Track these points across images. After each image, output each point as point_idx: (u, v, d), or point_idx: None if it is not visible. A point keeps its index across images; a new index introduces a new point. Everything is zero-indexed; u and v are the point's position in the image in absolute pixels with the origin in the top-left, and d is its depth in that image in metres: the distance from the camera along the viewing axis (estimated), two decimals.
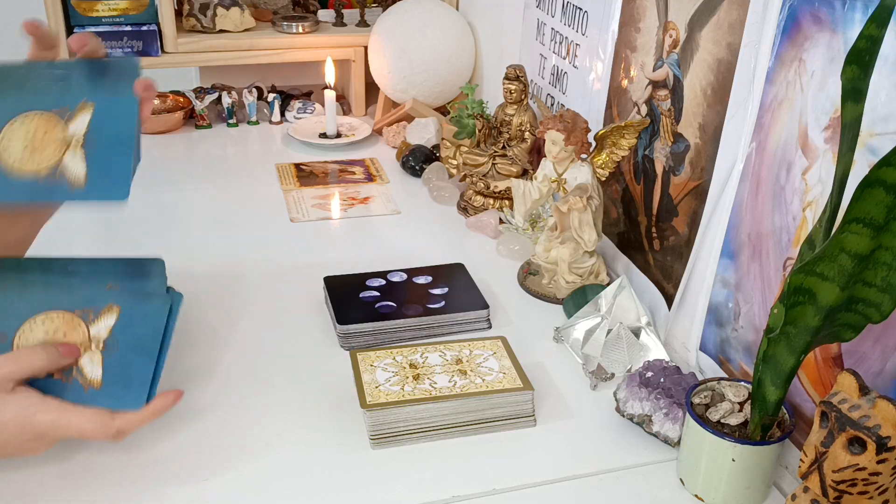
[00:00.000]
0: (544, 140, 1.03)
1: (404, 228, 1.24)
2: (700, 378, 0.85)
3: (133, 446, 0.78)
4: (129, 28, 1.49)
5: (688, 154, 0.92)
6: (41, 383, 0.71)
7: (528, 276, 1.09)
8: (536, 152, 1.26)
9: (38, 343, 0.73)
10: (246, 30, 1.59)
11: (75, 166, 0.73)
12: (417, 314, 0.95)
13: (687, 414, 0.73)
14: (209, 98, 1.59)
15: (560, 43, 1.22)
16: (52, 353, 0.71)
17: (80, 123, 0.74)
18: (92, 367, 0.73)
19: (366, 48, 1.60)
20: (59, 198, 0.74)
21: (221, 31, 1.57)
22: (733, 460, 0.70)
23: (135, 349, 0.74)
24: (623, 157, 1.02)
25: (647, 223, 1.02)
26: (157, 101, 1.63)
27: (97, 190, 0.73)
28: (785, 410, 0.73)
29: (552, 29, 1.24)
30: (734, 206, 0.83)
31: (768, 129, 0.78)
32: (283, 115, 1.64)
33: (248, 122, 1.63)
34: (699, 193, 0.90)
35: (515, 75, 1.19)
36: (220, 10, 1.55)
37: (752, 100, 0.79)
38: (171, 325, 0.77)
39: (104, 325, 0.75)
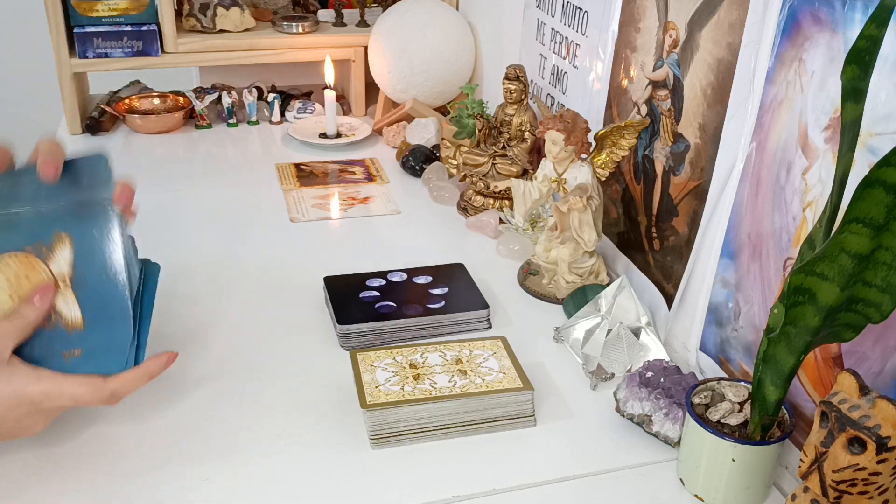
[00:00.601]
0: (544, 140, 1.03)
1: (404, 228, 1.24)
2: (700, 378, 0.85)
3: (131, 447, 0.78)
4: (129, 28, 1.49)
5: (688, 154, 0.92)
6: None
7: (528, 276, 1.09)
8: (536, 152, 1.26)
9: (4, 295, 0.71)
10: (246, 30, 1.59)
11: (69, 310, 0.72)
12: (417, 314, 0.95)
13: (687, 414, 0.73)
14: (209, 98, 1.59)
15: (560, 43, 1.22)
16: (26, 312, 0.70)
17: (63, 261, 0.72)
18: (67, 307, 0.71)
19: (366, 48, 1.60)
20: (61, 346, 0.72)
21: (221, 31, 1.56)
22: (733, 460, 0.71)
23: (103, 278, 0.72)
24: (623, 157, 1.02)
25: (647, 223, 1.02)
26: (157, 101, 1.63)
27: (97, 331, 0.72)
28: (785, 410, 0.73)
29: (552, 29, 1.24)
30: (734, 206, 0.83)
31: (768, 129, 0.78)
32: (283, 115, 1.64)
33: (248, 122, 1.63)
34: (699, 193, 0.90)
35: (515, 75, 1.19)
36: (220, 10, 1.55)
37: (752, 100, 0.79)
38: (151, 293, 0.76)
39: (63, 260, 0.72)
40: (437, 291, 1.00)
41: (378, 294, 0.99)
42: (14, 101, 2.59)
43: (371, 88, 1.64)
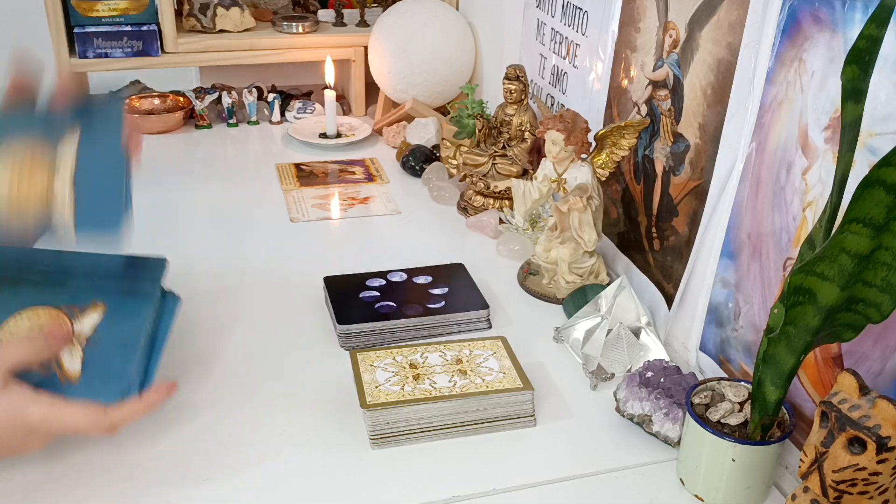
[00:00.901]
0: (544, 140, 1.03)
1: (404, 228, 1.24)
2: (700, 378, 0.85)
3: (131, 446, 0.78)
4: (129, 28, 1.49)
5: (688, 154, 0.92)
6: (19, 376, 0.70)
7: (528, 276, 1.09)
8: (536, 152, 1.26)
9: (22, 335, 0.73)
10: (246, 30, 1.59)
11: (70, 363, 0.73)
12: (417, 314, 0.95)
13: (687, 414, 0.73)
14: (209, 98, 1.59)
15: (560, 43, 1.22)
16: (37, 343, 0.71)
17: (88, 325, 0.75)
18: (71, 360, 0.72)
19: (366, 48, 1.60)
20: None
21: (221, 31, 1.56)
22: (733, 460, 0.71)
23: (117, 345, 0.74)
24: (623, 157, 1.02)
25: (647, 223, 1.02)
26: (157, 101, 1.63)
27: (85, 391, 0.72)
28: (785, 410, 0.73)
29: (552, 29, 1.24)
30: (734, 206, 0.83)
31: (768, 129, 0.78)
32: (283, 115, 1.64)
33: (248, 122, 1.63)
34: (699, 193, 0.90)
35: (515, 75, 1.19)
36: (220, 10, 1.55)
37: (752, 100, 0.79)
38: (166, 326, 0.77)
39: (88, 323, 0.74)
40: (437, 291, 1.00)
41: (378, 294, 0.99)
42: None
43: (371, 88, 1.64)
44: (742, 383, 0.75)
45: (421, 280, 1.02)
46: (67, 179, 0.73)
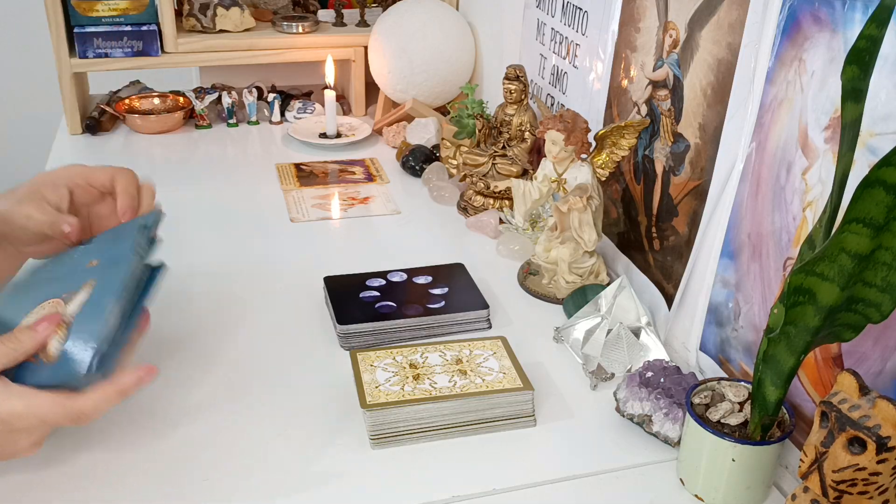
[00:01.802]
0: (544, 140, 1.03)
1: (404, 228, 1.24)
2: (700, 378, 0.85)
3: (129, 447, 0.78)
4: (129, 28, 1.49)
5: (688, 154, 0.92)
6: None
7: (528, 276, 1.09)
8: (536, 152, 1.26)
9: None
10: (246, 30, 1.59)
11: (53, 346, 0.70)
12: (417, 314, 0.95)
13: (687, 414, 0.73)
14: (209, 98, 1.59)
15: (560, 43, 1.22)
16: (27, 338, 0.68)
17: (75, 304, 0.72)
18: (54, 344, 0.70)
19: (366, 48, 1.60)
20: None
21: (221, 31, 1.56)
22: (733, 460, 0.71)
23: (86, 310, 0.71)
24: (623, 157, 1.02)
25: (647, 223, 1.02)
26: (157, 101, 1.63)
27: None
28: (785, 410, 0.73)
29: (552, 29, 1.24)
30: (734, 206, 0.83)
31: (768, 129, 0.78)
32: (283, 115, 1.64)
33: (248, 122, 1.63)
34: (699, 193, 0.90)
35: (515, 75, 1.19)
36: (220, 10, 1.55)
37: (752, 100, 0.79)
38: (145, 293, 0.75)
39: (76, 303, 0.71)
40: (437, 291, 1.00)
41: (378, 294, 0.99)
42: (14, 101, 2.58)
43: (371, 88, 1.64)
44: (742, 383, 0.75)
45: (421, 280, 1.02)
46: (63, 331, 0.71)
